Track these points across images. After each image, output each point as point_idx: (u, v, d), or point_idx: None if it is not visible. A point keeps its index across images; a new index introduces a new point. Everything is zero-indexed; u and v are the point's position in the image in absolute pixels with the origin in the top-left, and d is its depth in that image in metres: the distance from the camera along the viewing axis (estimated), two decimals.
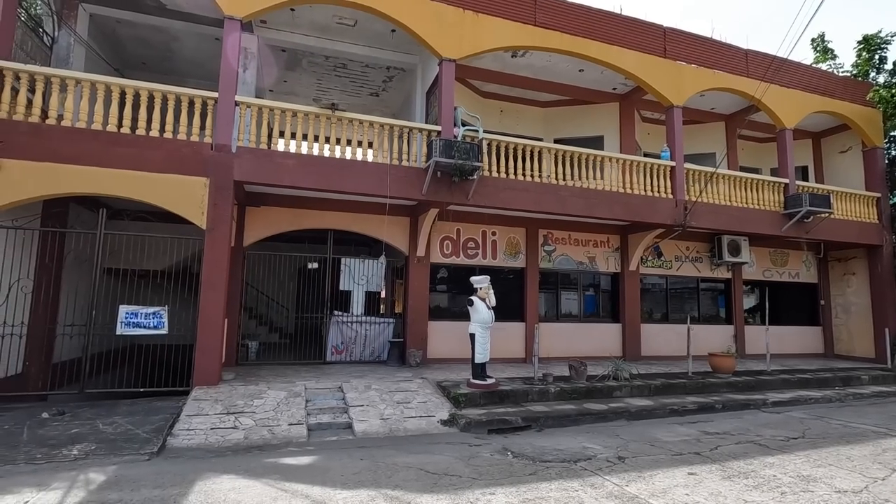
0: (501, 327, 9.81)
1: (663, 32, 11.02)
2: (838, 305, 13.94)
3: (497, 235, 11.03)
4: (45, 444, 5.07)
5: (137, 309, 7.18)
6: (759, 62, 11.53)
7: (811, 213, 11.31)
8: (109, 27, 9.63)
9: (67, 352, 7.72)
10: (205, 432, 5.71)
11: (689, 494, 4.22)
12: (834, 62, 15.00)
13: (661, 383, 8.52)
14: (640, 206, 10.31)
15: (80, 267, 8.01)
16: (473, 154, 8.36)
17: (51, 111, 7.02)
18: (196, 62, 10.89)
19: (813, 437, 6.26)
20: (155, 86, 7.51)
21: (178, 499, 3.93)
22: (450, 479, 4.50)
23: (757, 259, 13.40)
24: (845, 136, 13.87)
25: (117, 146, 7.10)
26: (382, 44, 10.37)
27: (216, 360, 7.25)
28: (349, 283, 10.05)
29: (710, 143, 13.36)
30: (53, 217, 7.91)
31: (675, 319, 12.27)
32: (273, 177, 7.94)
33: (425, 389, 7.57)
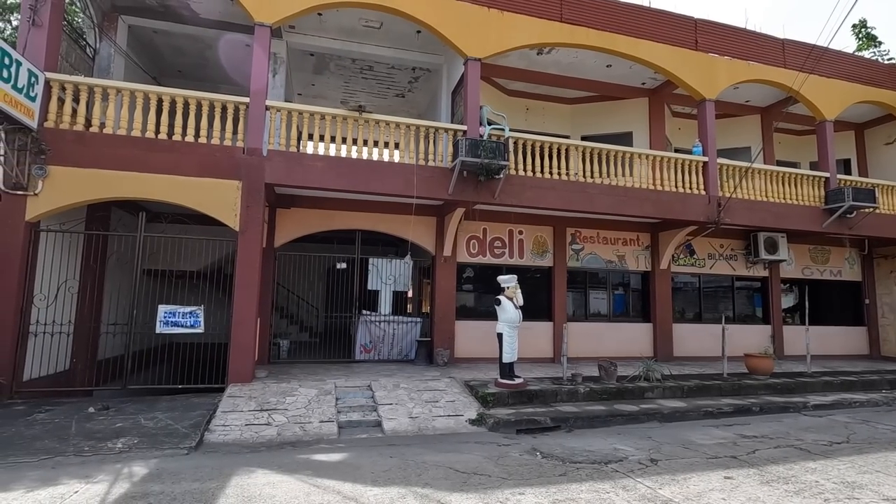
0: (529, 327, 9.75)
1: (694, 24, 10.73)
2: (885, 304, 13.29)
3: (524, 234, 10.96)
4: (91, 438, 5.32)
5: (175, 308, 7.44)
6: (797, 52, 11.09)
7: (854, 207, 10.82)
8: (147, 37, 10.02)
9: (111, 349, 8.08)
10: (240, 428, 5.88)
11: (725, 499, 4.11)
12: (878, 49, 14.29)
13: (694, 384, 8.31)
14: (671, 202, 10.07)
15: (122, 268, 8.36)
16: (499, 153, 8.33)
17: (94, 119, 7.36)
18: (229, 69, 11.20)
19: (858, 442, 5.99)
20: (189, 93, 7.77)
21: (216, 492, 4.06)
22: (479, 478, 4.51)
23: (796, 256, 12.90)
24: (891, 126, 13.21)
25: (155, 152, 7.39)
26: (408, 45, 10.45)
27: (250, 358, 7.45)
28: (377, 283, 10.17)
29: (745, 137, 12.93)
30: (97, 220, 8.28)
31: (708, 319, 11.93)
32: (302, 179, 8.10)
33: (453, 388, 7.59)
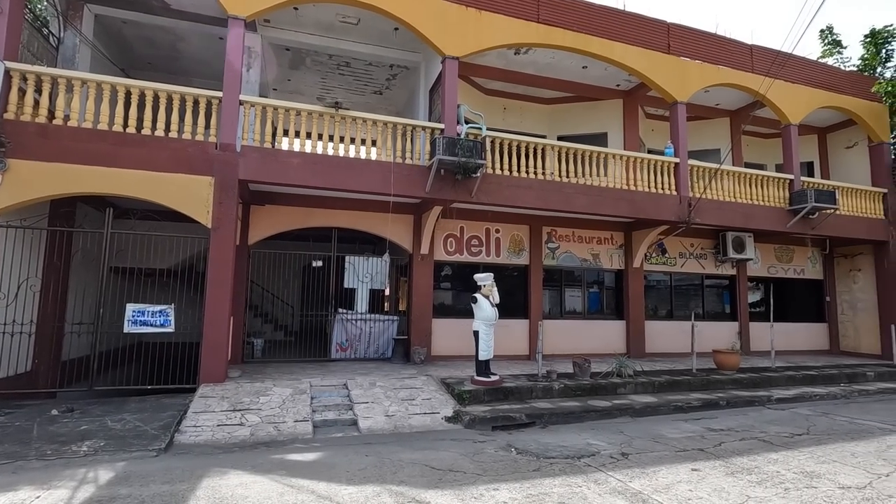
0: (505, 325, 9.86)
1: (667, 28, 10.97)
2: (844, 302, 13.88)
3: (501, 233, 11.04)
4: (55, 441, 5.15)
5: (144, 307, 7.25)
6: (764, 57, 11.46)
7: (816, 209, 11.26)
8: (115, 27, 9.70)
9: (76, 350, 7.81)
10: (212, 429, 5.78)
11: (692, 490, 4.24)
12: (841, 56, 14.88)
13: (665, 380, 8.53)
14: (644, 202, 10.30)
15: (88, 266, 8.09)
16: (477, 152, 8.37)
17: (57, 112, 7.10)
18: (202, 62, 10.95)
19: (817, 434, 6.25)
20: (160, 86, 7.56)
21: (187, 494, 3.99)
22: (454, 475, 4.54)
23: (762, 255, 13.35)
24: (851, 131, 13.78)
25: (123, 146, 7.17)
26: (386, 42, 10.39)
27: (222, 357, 7.31)
28: (353, 281, 10.10)
29: (715, 139, 13.30)
30: (61, 216, 7.99)
31: (679, 316, 12.26)
32: (277, 175, 7.98)
33: (430, 386, 7.61)
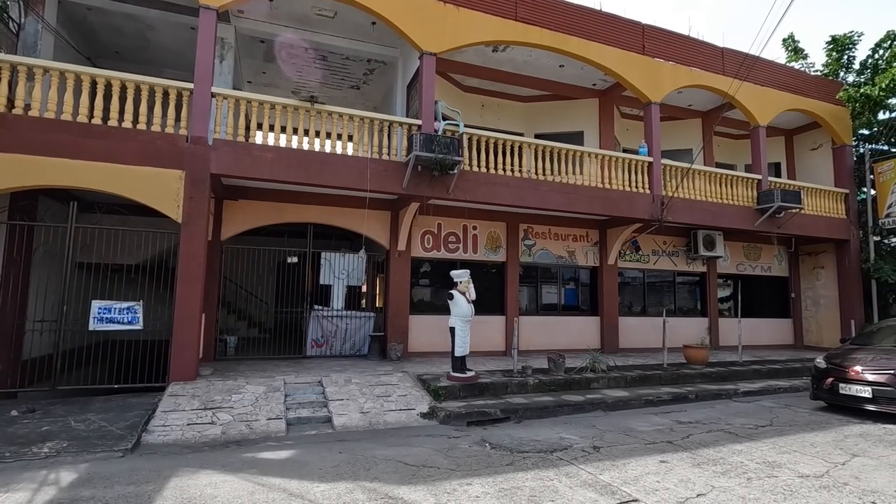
0: (482, 321, 9.91)
1: (642, 30, 11.16)
2: (808, 298, 14.40)
3: (478, 230, 11.08)
4: (13, 443, 4.96)
5: (111, 304, 7.04)
6: (734, 60, 11.76)
7: (783, 208, 11.63)
8: (80, 14, 9.34)
9: (38, 348, 7.53)
10: (181, 428, 5.65)
11: (659, 481, 4.35)
12: (805, 62, 15.37)
13: (637, 375, 8.71)
14: (618, 201, 10.47)
15: (51, 261, 7.81)
16: (454, 148, 8.38)
17: (17, 101, 6.81)
18: (173, 52, 10.65)
19: (780, 425, 6.48)
20: (127, 76, 7.33)
21: (153, 495, 3.89)
22: (428, 470, 4.55)
23: (731, 253, 13.74)
24: (816, 133, 14.28)
25: (89, 137, 6.92)
26: (363, 36, 10.29)
27: (193, 355, 7.16)
28: (329, 278, 10.01)
29: (687, 140, 13.61)
30: (22, 210, 7.67)
31: (652, 312, 12.53)
32: (251, 170, 7.84)
33: (405, 383, 7.60)
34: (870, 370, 6.82)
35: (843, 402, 7.04)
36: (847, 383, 6.97)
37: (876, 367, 6.81)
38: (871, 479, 4.48)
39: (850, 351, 7.65)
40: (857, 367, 6.95)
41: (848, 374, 7.00)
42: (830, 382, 7.17)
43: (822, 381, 7.30)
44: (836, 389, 7.07)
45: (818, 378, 7.43)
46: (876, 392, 6.65)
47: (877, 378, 6.69)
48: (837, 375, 7.14)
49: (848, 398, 6.96)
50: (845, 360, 7.26)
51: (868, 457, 5.14)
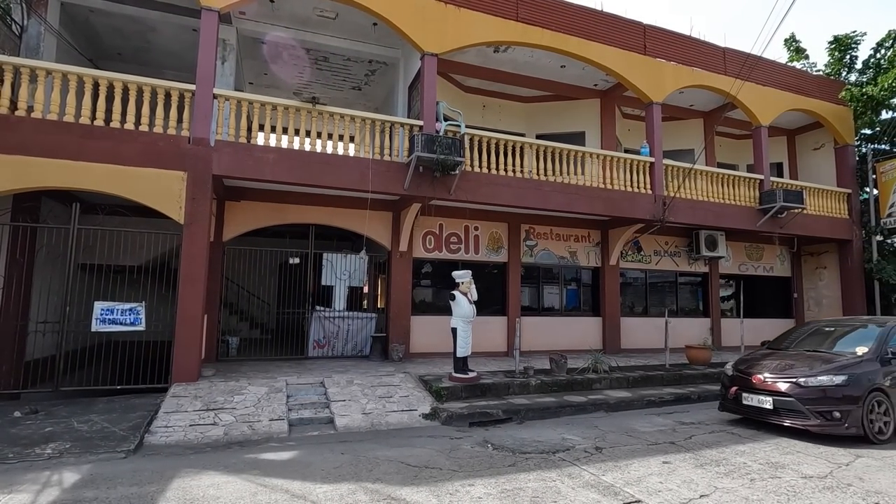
0: (484, 321, 9.91)
1: (643, 30, 11.15)
2: (811, 298, 14.37)
3: (479, 230, 11.08)
4: (16, 444, 4.97)
5: (113, 305, 7.04)
6: (736, 60, 11.74)
7: (785, 208, 11.61)
8: (82, 16, 9.37)
9: (41, 349, 7.54)
10: (184, 429, 5.66)
11: (662, 482, 4.34)
12: (807, 62, 15.34)
13: (639, 375, 8.69)
14: (620, 201, 10.46)
15: (53, 262, 7.82)
16: (455, 149, 8.38)
17: (20, 102, 6.83)
18: (174, 54, 10.67)
19: None
20: (129, 77, 7.34)
21: (156, 496, 3.90)
22: (430, 471, 4.55)
23: (733, 253, 13.71)
24: (818, 133, 14.25)
25: (91, 139, 6.94)
26: (364, 37, 10.30)
27: (195, 356, 7.17)
28: (331, 278, 10.01)
29: (689, 140, 13.59)
30: (24, 211, 7.69)
31: (654, 313, 12.50)
32: (253, 171, 7.85)
33: (407, 384, 7.60)
34: (773, 378, 6.06)
35: (749, 414, 6.30)
36: (750, 393, 6.20)
37: (779, 374, 6.07)
38: (875, 479, 4.47)
39: (761, 356, 6.87)
40: (760, 375, 6.18)
41: (751, 381, 6.22)
42: (735, 392, 6.40)
43: (728, 389, 6.55)
44: (741, 399, 6.30)
45: (726, 387, 6.65)
46: (777, 403, 5.91)
47: (778, 387, 5.94)
48: (742, 384, 6.37)
49: (752, 409, 6.20)
50: (751, 366, 6.50)
51: (872, 458, 5.12)
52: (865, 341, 6.30)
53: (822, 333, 7.13)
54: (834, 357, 6.20)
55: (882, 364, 5.97)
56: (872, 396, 5.69)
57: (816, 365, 6.02)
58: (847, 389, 5.66)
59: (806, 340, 7.05)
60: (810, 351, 6.63)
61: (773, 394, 5.98)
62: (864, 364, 5.93)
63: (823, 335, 7.05)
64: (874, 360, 5.99)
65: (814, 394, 5.72)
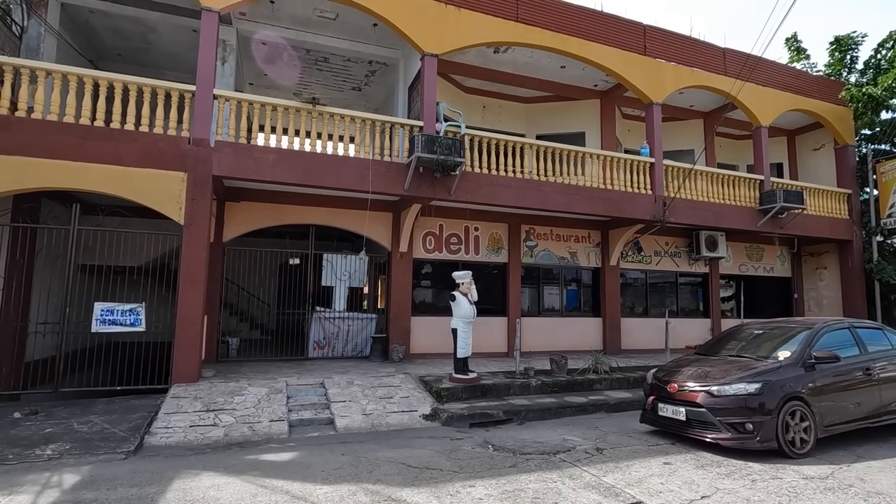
0: (484, 322, 9.90)
1: (643, 30, 11.14)
2: (811, 299, 14.35)
3: (479, 231, 11.07)
4: (16, 445, 4.96)
5: (113, 306, 7.04)
6: (736, 60, 11.74)
7: (785, 208, 11.60)
8: (82, 17, 9.37)
9: (40, 350, 7.53)
10: (184, 430, 5.65)
11: (663, 483, 4.33)
12: (808, 62, 15.34)
13: (639, 376, 8.66)
14: (620, 201, 10.45)
15: (53, 263, 7.82)
16: (455, 149, 8.37)
17: (20, 103, 6.83)
18: (174, 54, 10.66)
19: None
20: (129, 78, 7.34)
21: (156, 497, 3.89)
22: (431, 472, 4.54)
23: (733, 254, 13.70)
24: (818, 133, 14.24)
25: (91, 140, 6.93)
26: (364, 38, 10.30)
27: (195, 357, 7.16)
28: (331, 279, 10.00)
29: (689, 140, 13.58)
30: (24, 212, 7.68)
31: (654, 313, 12.49)
32: (253, 172, 7.84)
33: (408, 384, 7.59)
34: (688, 387, 5.55)
35: (665, 426, 5.79)
36: (666, 403, 5.71)
37: (694, 383, 5.56)
38: (876, 480, 4.46)
39: (684, 363, 6.41)
40: (675, 384, 5.69)
41: (667, 390, 5.73)
42: (652, 401, 5.93)
43: (647, 399, 6.09)
44: (657, 409, 5.82)
45: (646, 396, 6.16)
46: (690, 414, 5.42)
47: (692, 397, 5.43)
48: (659, 393, 5.88)
49: (667, 421, 5.70)
50: (670, 374, 5.99)
51: (873, 458, 5.11)
52: (793, 345, 5.78)
53: (752, 337, 6.53)
54: (754, 363, 5.70)
55: (806, 370, 5.46)
56: (790, 406, 5.17)
57: (733, 372, 5.50)
58: (761, 398, 5.13)
59: (736, 345, 6.49)
60: (735, 356, 6.11)
61: (686, 404, 5.47)
62: (784, 370, 5.42)
63: (754, 339, 6.47)
64: (796, 366, 5.47)
65: (726, 404, 5.20)
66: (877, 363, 5.92)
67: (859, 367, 5.80)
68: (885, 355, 6.10)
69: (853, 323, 6.40)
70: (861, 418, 5.68)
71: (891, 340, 6.37)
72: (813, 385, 5.39)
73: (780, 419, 5.10)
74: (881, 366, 5.94)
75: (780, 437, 5.07)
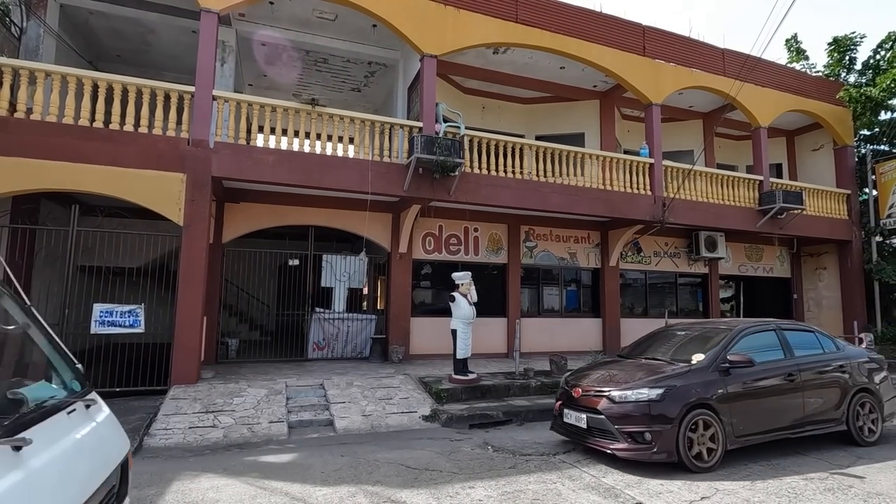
0: (483, 323, 9.89)
1: (642, 31, 11.16)
2: (811, 299, 14.36)
3: (479, 231, 11.07)
4: None
5: (112, 307, 7.03)
6: (735, 61, 11.74)
7: (784, 209, 11.61)
8: (81, 18, 9.37)
9: None
10: (183, 431, 5.64)
11: (662, 484, 4.33)
12: (807, 62, 15.37)
13: None
14: (619, 202, 10.45)
15: (53, 264, 7.82)
16: (455, 150, 8.38)
17: (19, 104, 6.83)
18: (173, 55, 10.66)
19: None
20: (129, 79, 7.34)
21: (155, 499, 3.89)
22: (430, 473, 4.54)
23: (733, 254, 13.70)
24: (817, 134, 14.26)
25: (90, 141, 6.93)
26: (364, 39, 10.30)
27: (195, 358, 7.15)
28: (331, 280, 10.00)
29: (688, 141, 13.59)
30: (23, 213, 7.69)
31: (654, 314, 12.49)
32: (252, 173, 7.84)
33: (407, 385, 7.59)
34: (592, 391, 5.07)
35: (570, 435, 5.31)
36: (570, 409, 5.24)
37: (598, 387, 5.05)
38: (876, 481, 4.46)
39: (598, 365, 5.99)
40: (580, 388, 5.22)
41: (572, 395, 5.27)
42: (559, 407, 5.46)
43: (556, 404, 5.59)
44: (563, 416, 5.33)
45: (556, 401, 5.66)
46: (591, 422, 4.93)
47: (594, 402, 4.95)
48: (565, 398, 5.40)
49: (571, 429, 5.22)
50: (579, 377, 5.53)
51: (873, 459, 5.11)
52: (710, 348, 5.26)
53: (676, 339, 5.99)
54: (665, 367, 5.20)
55: (721, 374, 4.96)
56: (696, 414, 4.67)
57: (639, 376, 5.03)
58: (662, 406, 4.64)
59: (657, 347, 5.95)
60: (649, 359, 5.63)
61: (588, 410, 5.00)
62: (693, 375, 4.91)
63: (677, 341, 5.92)
64: (708, 370, 4.96)
65: (628, 411, 4.70)
66: (802, 369, 5.38)
67: (781, 373, 5.26)
68: (812, 360, 5.57)
69: (781, 325, 5.83)
70: (781, 428, 5.16)
71: (823, 344, 5.88)
72: (724, 391, 4.87)
73: (681, 429, 4.59)
74: (807, 371, 5.41)
75: (680, 448, 4.56)
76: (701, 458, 4.65)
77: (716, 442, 4.73)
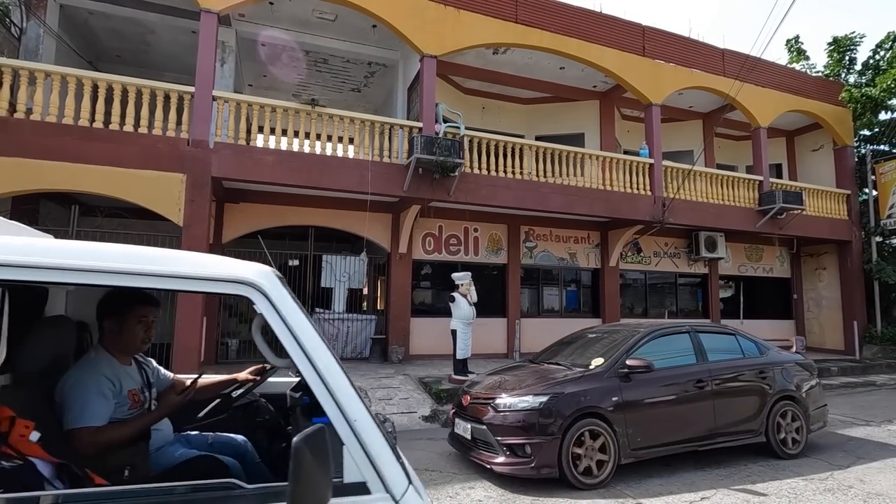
0: (483, 323, 9.88)
1: (642, 31, 11.16)
2: (810, 299, 14.35)
3: (479, 232, 11.07)
4: None
5: None
6: (735, 61, 11.74)
7: (784, 209, 11.61)
8: (81, 18, 9.36)
9: None
10: None
11: (663, 485, 4.33)
12: (807, 63, 15.38)
13: None
14: (619, 202, 10.45)
15: None
16: (455, 151, 8.38)
17: (19, 105, 6.83)
18: (173, 56, 10.66)
19: None
20: (128, 79, 7.35)
21: None
22: (430, 474, 4.53)
23: (733, 254, 13.70)
24: (817, 134, 14.25)
25: (90, 141, 6.93)
26: (364, 39, 10.30)
27: (194, 359, 7.14)
28: (330, 280, 10.00)
29: (688, 141, 13.59)
30: (23, 214, 7.68)
31: (653, 314, 12.48)
32: (252, 173, 7.84)
33: (407, 386, 7.59)
34: (479, 399, 4.67)
35: (457, 446, 4.94)
36: (459, 418, 4.84)
37: (486, 395, 4.64)
38: (875, 481, 4.46)
39: (502, 370, 5.53)
40: (468, 395, 4.83)
41: (462, 403, 4.87)
42: (452, 416, 5.05)
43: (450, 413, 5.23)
44: (454, 425, 4.92)
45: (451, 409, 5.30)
46: (475, 432, 4.54)
47: (480, 411, 4.54)
48: (458, 406, 4.97)
49: (458, 440, 4.86)
50: (474, 383, 5.19)
51: (872, 459, 5.11)
52: (612, 352, 4.86)
53: (585, 342, 5.63)
54: (560, 371, 4.84)
55: (621, 380, 4.56)
56: (583, 424, 4.27)
57: (528, 382, 4.64)
58: (544, 414, 4.23)
59: (567, 351, 5.58)
60: (551, 363, 5.25)
61: (473, 420, 4.58)
62: (585, 381, 4.52)
63: (586, 345, 5.53)
64: (605, 376, 4.58)
65: (512, 420, 4.28)
66: (715, 375, 4.94)
67: (690, 379, 4.82)
68: (728, 365, 5.13)
69: (697, 327, 5.40)
70: (687, 440, 4.74)
71: (744, 349, 5.42)
72: (620, 399, 4.45)
73: (565, 440, 4.17)
74: (721, 378, 4.97)
75: (563, 462, 4.14)
76: (590, 472, 4.24)
77: (607, 454, 4.31)
